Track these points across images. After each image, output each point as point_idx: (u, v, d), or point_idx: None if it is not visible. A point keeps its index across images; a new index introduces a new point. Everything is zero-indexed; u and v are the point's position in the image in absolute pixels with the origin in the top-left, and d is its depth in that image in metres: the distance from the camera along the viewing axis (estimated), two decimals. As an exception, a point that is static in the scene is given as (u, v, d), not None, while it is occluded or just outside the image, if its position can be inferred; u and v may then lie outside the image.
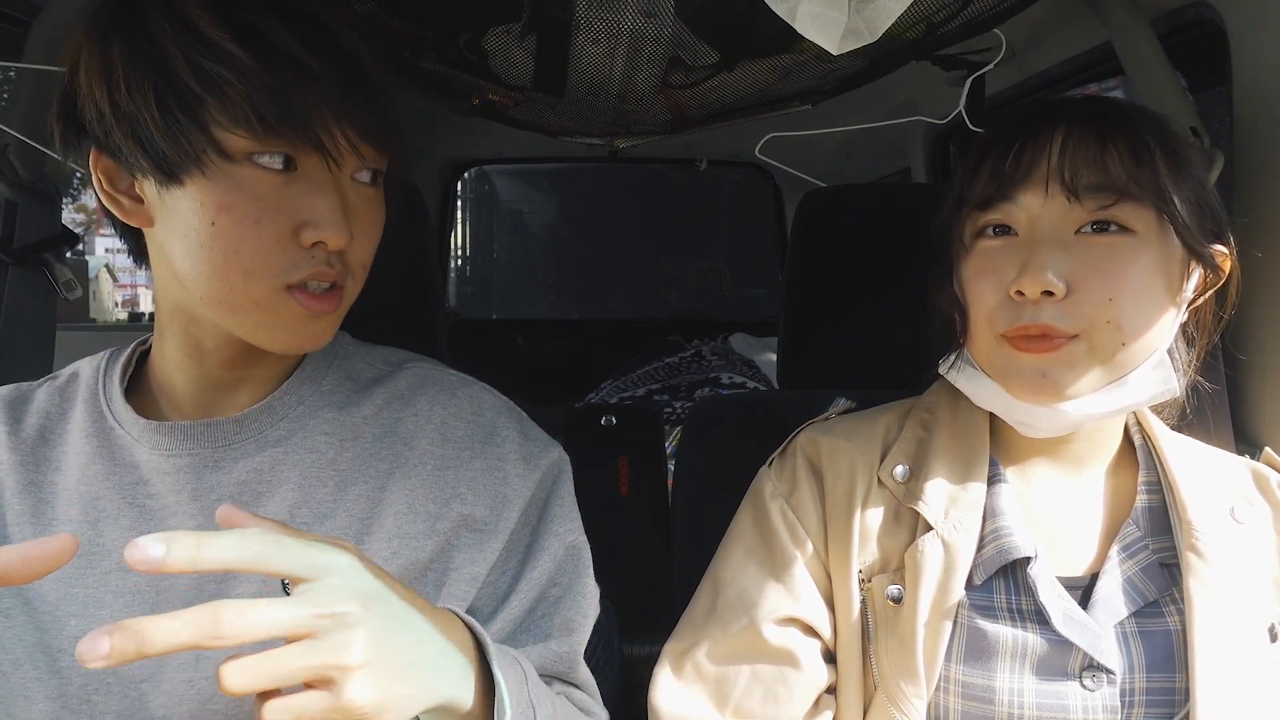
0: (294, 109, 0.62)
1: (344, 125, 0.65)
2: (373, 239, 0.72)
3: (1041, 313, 0.70)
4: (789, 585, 0.77)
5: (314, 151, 0.64)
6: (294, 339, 0.68)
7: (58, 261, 1.12)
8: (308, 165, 0.65)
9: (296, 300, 0.66)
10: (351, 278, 0.70)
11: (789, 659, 0.75)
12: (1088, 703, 0.70)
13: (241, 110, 0.61)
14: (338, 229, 0.65)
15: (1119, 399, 0.73)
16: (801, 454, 0.83)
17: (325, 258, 0.67)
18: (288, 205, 0.65)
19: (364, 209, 0.70)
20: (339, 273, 0.68)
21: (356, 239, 0.69)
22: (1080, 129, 0.72)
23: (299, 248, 0.66)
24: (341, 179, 0.68)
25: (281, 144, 0.64)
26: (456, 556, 0.71)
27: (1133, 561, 0.75)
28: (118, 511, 0.70)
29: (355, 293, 0.72)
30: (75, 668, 0.66)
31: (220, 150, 0.63)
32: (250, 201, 0.64)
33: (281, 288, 0.66)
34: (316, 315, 0.68)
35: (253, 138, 0.63)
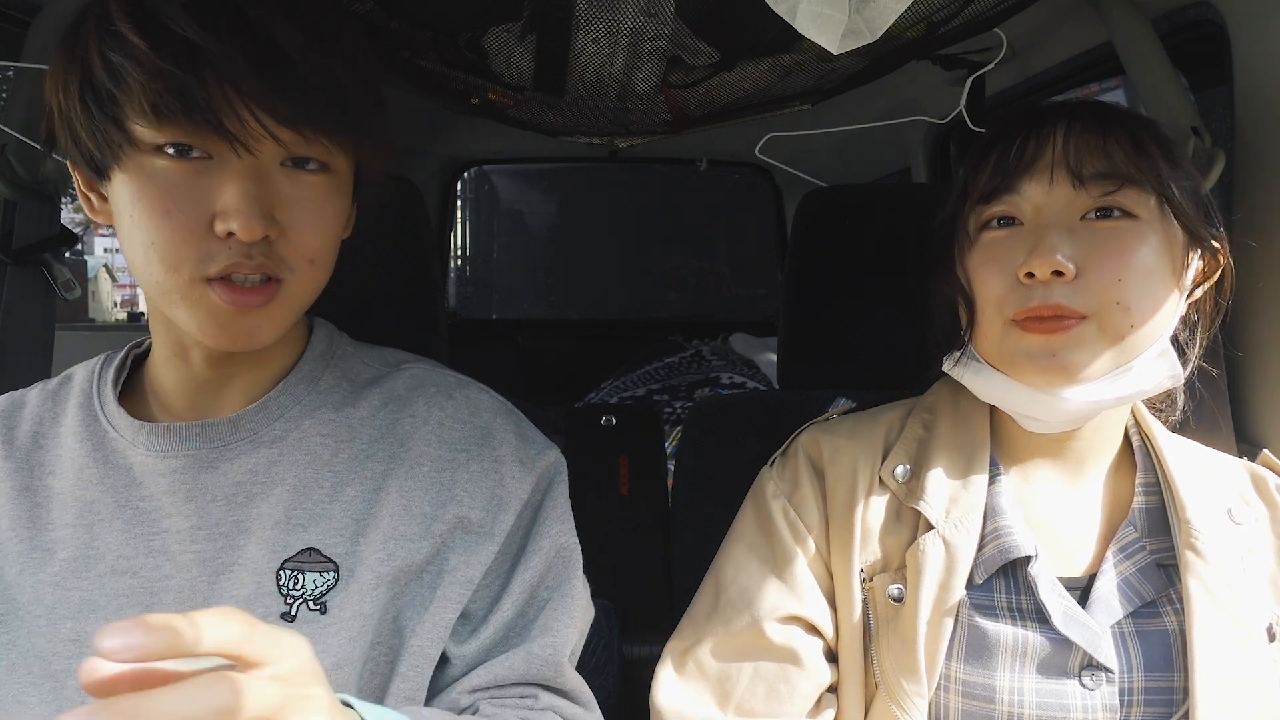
0: (188, 94, 0.61)
1: (253, 108, 0.62)
2: (317, 231, 0.68)
3: (1053, 293, 0.71)
4: (791, 584, 0.77)
5: (218, 138, 0.62)
6: (224, 334, 0.66)
7: (57, 261, 1.12)
8: (220, 153, 0.63)
9: (216, 293, 0.64)
10: (291, 271, 0.66)
11: (791, 657, 0.75)
12: (1087, 702, 0.70)
13: (138, 99, 0.61)
14: (245, 219, 0.62)
15: (1125, 385, 0.73)
16: (803, 453, 0.83)
17: (243, 249, 0.63)
18: (199, 194, 0.63)
19: (303, 198, 0.66)
20: (261, 265, 0.64)
21: (291, 230, 0.66)
22: (1081, 123, 0.74)
23: (214, 239, 0.63)
24: (262, 166, 0.64)
25: (177, 131, 0.62)
26: (452, 558, 0.71)
27: (1130, 562, 0.75)
28: (112, 514, 0.70)
29: (305, 289, 0.69)
30: (71, 671, 0.66)
31: (132, 142, 0.62)
32: (160, 192, 0.63)
33: (200, 280, 0.64)
34: (244, 309, 0.65)
35: (151, 126, 0.62)
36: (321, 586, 0.68)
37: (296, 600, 0.67)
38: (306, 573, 0.68)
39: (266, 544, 0.69)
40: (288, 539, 0.69)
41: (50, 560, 0.69)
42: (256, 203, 0.63)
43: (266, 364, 0.75)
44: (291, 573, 0.68)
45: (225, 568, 0.68)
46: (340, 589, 0.68)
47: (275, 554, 0.69)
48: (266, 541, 0.69)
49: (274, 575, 0.68)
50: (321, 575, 0.68)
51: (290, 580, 0.68)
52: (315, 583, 0.68)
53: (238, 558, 0.68)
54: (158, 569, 0.68)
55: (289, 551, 0.69)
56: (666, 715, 0.77)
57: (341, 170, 0.70)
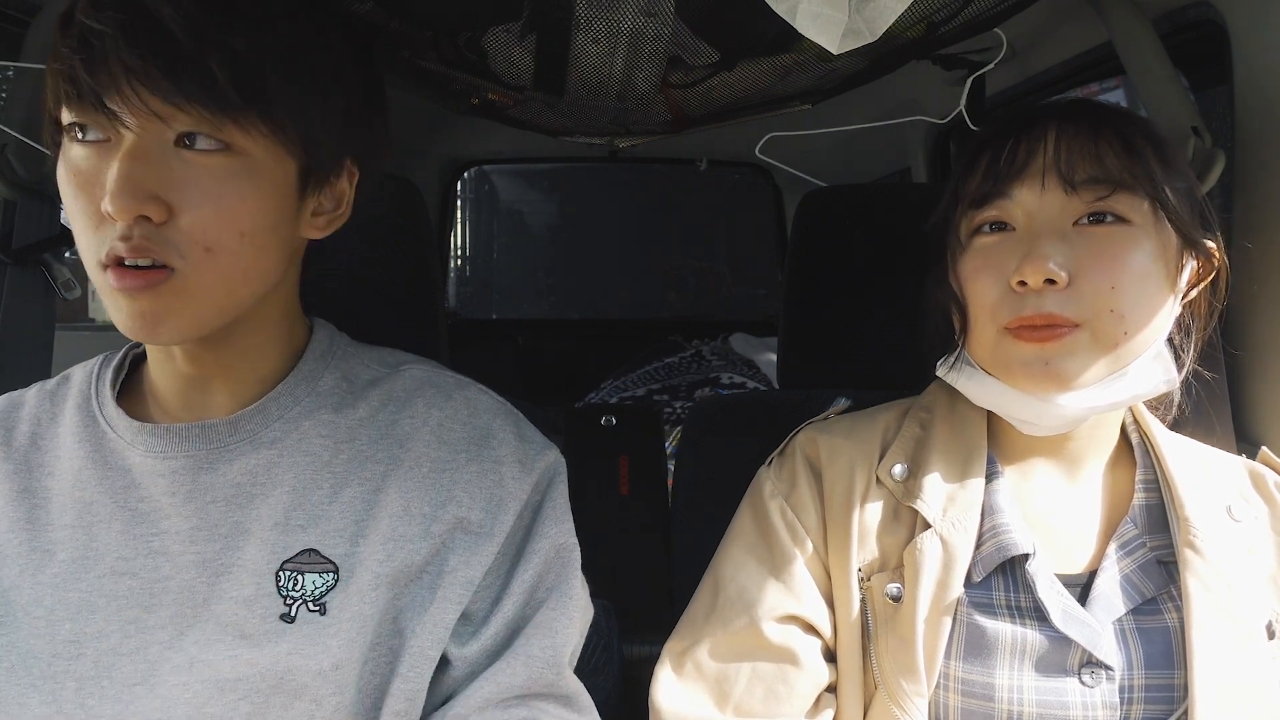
0: (74, 76, 0.62)
1: (135, 85, 0.60)
2: (215, 215, 0.64)
3: (1045, 302, 0.71)
4: (789, 584, 0.77)
5: (105, 118, 0.62)
6: (128, 322, 0.64)
7: (56, 261, 1.12)
8: (115, 135, 0.63)
9: (108, 278, 0.63)
10: (182, 258, 0.63)
11: (790, 657, 0.75)
12: (1087, 699, 0.70)
13: (50, 86, 0.64)
14: (117, 199, 0.60)
15: (1120, 390, 0.73)
16: (801, 453, 0.83)
17: (122, 230, 0.61)
18: (99, 178, 0.62)
19: (195, 180, 0.63)
20: (140, 248, 0.61)
21: (185, 213, 0.63)
22: (1073, 125, 0.73)
23: (108, 223, 0.62)
24: (151, 146, 0.62)
25: (73, 112, 0.63)
26: (451, 559, 0.71)
27: (1130, 559, 0.75)
28: (110, 515, 0.70)
29: (207, 279, 0.64)
30: (70, 672, 0.66)
31: (55, 123, 0.65)
32: (71, 175, 0.64)
33: (97, 264, 0.63)
34: (132, 293, 0.62)
35: (61, 110, 0.64)
36: (321, 587, 0.68)
37: (296, 601, 0.67)
38: (306, 574, 0.68)
39: (266, 545, 0.69)
40: (287, 540, 0.69)
41: (49, 561, 0.69)
42: (132, 182, 0.61)
43: (253, 363, 0.74)
44: (291, 574, 0.68)
45: (225, 569, 0.68)
46: (340, 590, 0.68)
47: (275, 555, 0.69)
48: (266, 542, 0.69)
49: (273, 576, 0.68)
50: (321, 576, 0.68)
51: (290, 581, 0.68)
52: (315, 584, 0.68)
53: (237, 559, 0.68)
54: (157, 570, 0.68)
55: (288, 552, 0.69)
56: (665, 716, 0.77)
57: (254, 154, 0.65)
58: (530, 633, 0.72)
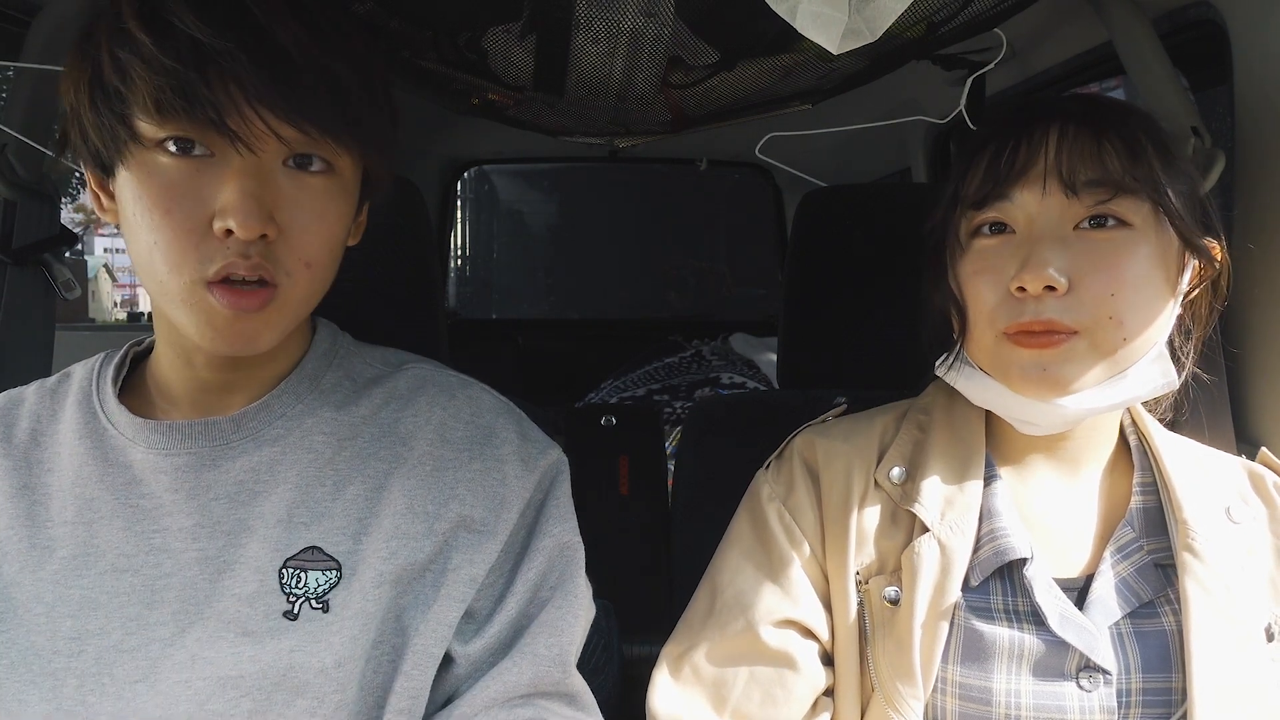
0: (190, 91, 0.61)
1: (257, 107, 0.62)
2: (319, 234, 0.67)
3: (1044, 308, 0.70)
4: (786, 588, 0.77)
5: (218, 135, 0.62)
6: (221, 339, 0.65)
7: (57, 261, 1.12)
8: (223, 151, 0.63)
9: (214, 295, 0.63)
10: (287, 275, 0.66)
11: (787, 661, 0.75)
12: (1084, 703, 0.70)
13: (142, 95, 0.61)
14: (243, 217, 0.62)
15: (1119, 393, 0.73)
16: (798, 456, 0.83)
17: (239, 248, 0.63)
18: (200, 193, 0.63)
19: (304, 200, 0.66)
20: (257, 266, 0.63)
21: (290, 232, 0.65)
22: (1075, 126, 0.73)
23: (215, 239, 0.63)
24: (265, 166, 0.64)
25: (178, 127, 0.62)
26: (455, 557, 0.71)
27: (1127, 563, 0.75)
28: (112, 512, 0.70)
29: (301, 293, 0.67)
30: (71, 669, 0.66)
31: (137, 138, 0.63)
32: (160, 189, 0.63)
33: (200, 282, 0.63)
34: (240, 313, 0.64)
35: (154, 122, 0.62)
36: (324, 585, 0.68)
37: (299, 599, 0.68)
38: (309, 571, 0.68)
39: (269, 542, 0.69)
40: (290, 537, 0.69)
41: (49, 558, 0.69)
42: (255, 201, 0.63)
43: (270, 365, 0.75)
44: (294, 571, 0.68)
45: (227, 566, 0.68)
46: (343, 587, 0.68)
47: (277, 552, 0.69)
48: (269, 540, 0.69)
49: (276, 573, 0.68)
50: (324, 574, 0.68)
51: (293, 578, 0.68)
52: (318, 581, 0.68)
53: (240, 556, 0.68)
54: (158, 567, 0.68)
55: (291, 550, 0.69)
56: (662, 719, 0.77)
57: (346, 173, 0.69)
58: (536, 631, 0.72)
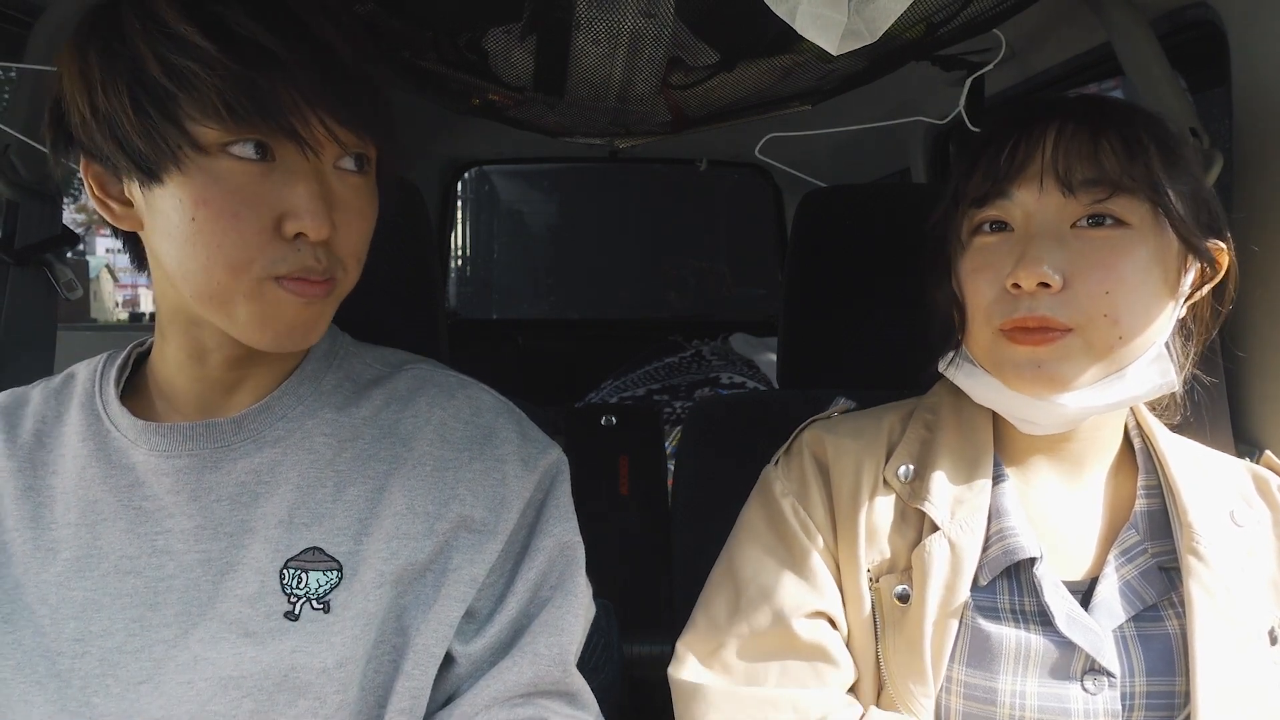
0: (263, 96, 0.62)
1: (319, 111, 0.64)
2: (362, 230, 0.70)
3: (1039, 304, 0.71)
4: (811, 580, 0.77)
5: (288, 140, 0.63)
6: (285, 330, 0.67)
7: (59, 262, 1.12)
8: (285, 155, 0.64)
9: (284, 288, 0.65)
10: (342, 269, 0.69)
11: (821, 653, 0.75)
12: (1089, 706, 0.70)
13: (210, 101, 0.61)
14: (317, 219, 0.64)
15: (1117, 392, 0.73)
16: (808, 451, 0.83)
17: (311, 251, 0.65)
18: (267, 196, 0.64)
19: (350, 198, 0.68)
20: (328, 266, 0.67)
21: (342, 229, 0.67)
22: (1073, 125, 0.73)
23: (282, 240, 0.65)
24: (322, 168, 0.66)
25: (252, 132, 0.63)
26: (455, 557, 0.71)
27: (1131, 566, 0.75)
28: (115, 514, 0.70)
29: (349, 285, 0.71)
30: (75, 670, 0.66)
31: (194, 144, 0.62)
32: (228, 194, 0.63)
33: (269, 279, 0.65)
34: (308, 302, 0.66)
35: (224, 129, 0.62)
36: (325, 585, 0.68)
37: (300, 599, 0.68)
38: (310, 572, 0.68)
39: (270, 543, 0.69)
40: (291, 538, 0.69)
41: (53, 560, 0.69)
42: (323, 203, 0.65)
43: (276, 365, 0.75)
44: (295, 572, 0.68)
45: (229, 567, 0.68)
46: (344, 588, 0.68)
47: (279, 553, 0.69)
48: (270, 541, 0.69)
49: (278, 574, 0.68)
50: (325, 574, 0.69)
51: (294, 579, 0.68)
52: (319, 582, 0.68)
53: (242, 557, 0.69)
54: (161, 568, 0.68)
55: (292, 551, 0.69)
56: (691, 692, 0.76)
57: (373, 172, 0.72)
58: (536, 630, 0.72)
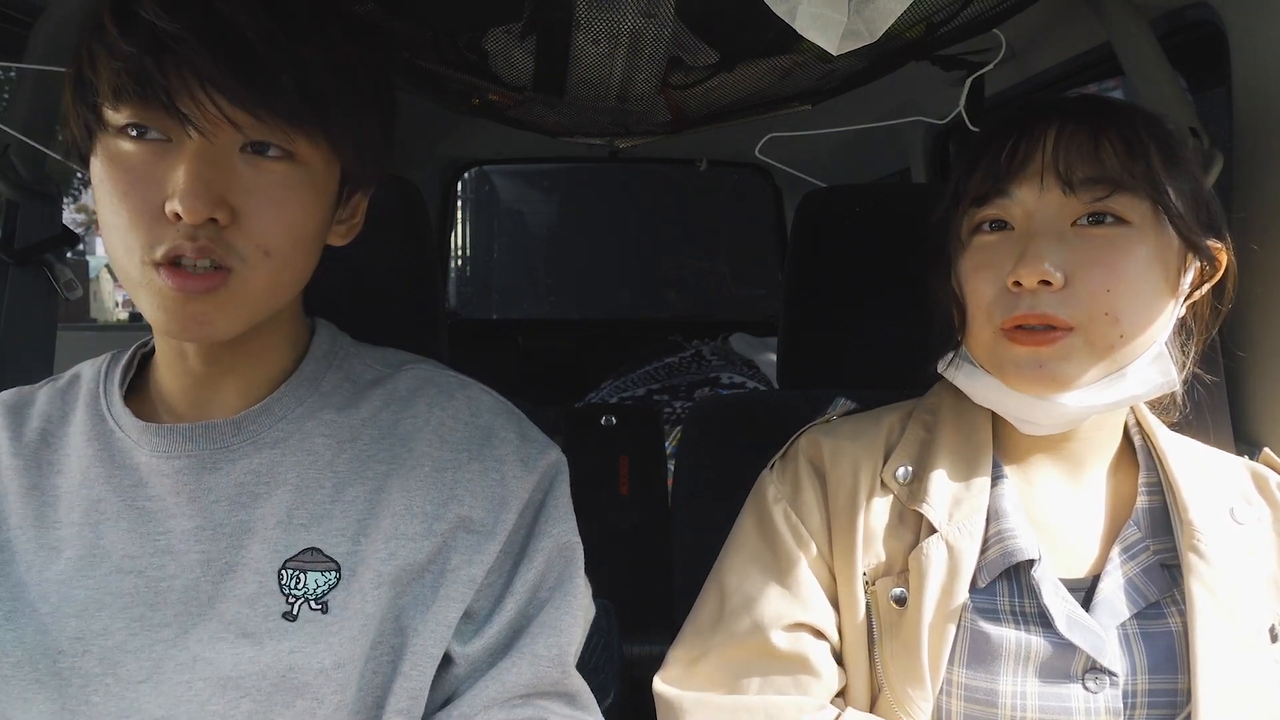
0: (146, 76, 0.62)
1: (210, 91, 0.62)
2: (278, 220, 0.66)
3: (1040, 302, 0.71)
4: (795, 590, 0.77)
5: (172, 120, 0.63)
6: (173, 321, 0.65)
7: (58, 261, 1.12)
8: (178, 136, 0.64)
9: (161, 276, 0.63)
10: (242, 260, 0.65)
11: (801, 663, 0.75)
12: (1090, 705, 0.70)
13: (105, 82, 0.63)
14: (189, 200, 0.61)
15: (1118, 392, 0.73)
16: (804, 456, 0.83)
17: (188, 231, 0.63)
18: (156, 178, 0.63)
19: (261, 186, 0.65)
20: (204, 249, 0.63)
21: (248, 218, 0.65)
22: (1074, 124, 0.73)
23: (165, 222, 0.63)
24: (220, 151, 0.64)
25: (134, 112, 0.63)
26: (454, 558, 0.71)
27: (1134, 563, 0.75)
28: (117, 514, 0.70)
29: (260, 281, 0.67)
30: (75, 669, 0.66)
31: (104, 125, 0.64)
32: (120, 173, 0.64)
33: (149, 264, 0.63)
34: (190, 296, 0.64)
35: (113, 108, 0.64)
36: (323, 586, 0.68)
37: (298, 600, 0.68)
38: (308, 572, 0.68)
39: (269, 544, 0.69)
40: (290, 539, 0.69)
41: (56, 559, 0.69)
42: (204, 185, 0.63)
43: (263, 363, 0.75)
44: (293, 572, 0.68)
45: (229, 568, 0.68)
46: (342, 588, 0.68)
47: (277, 554, 0.69)
48: (269, 541, 0.69)
49: (276, 575, 0.68)
50: (323, 575, 0.69)
51: (292, 580, 0.68)
52: (317, 582, 0.68)
53: (241, 557, 0.69)
54: (163, 569, 0.68)
55: (291, 551, 0.69)
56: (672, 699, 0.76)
57: (314, 164, 0.68)
58: (535, 631, 0.72)
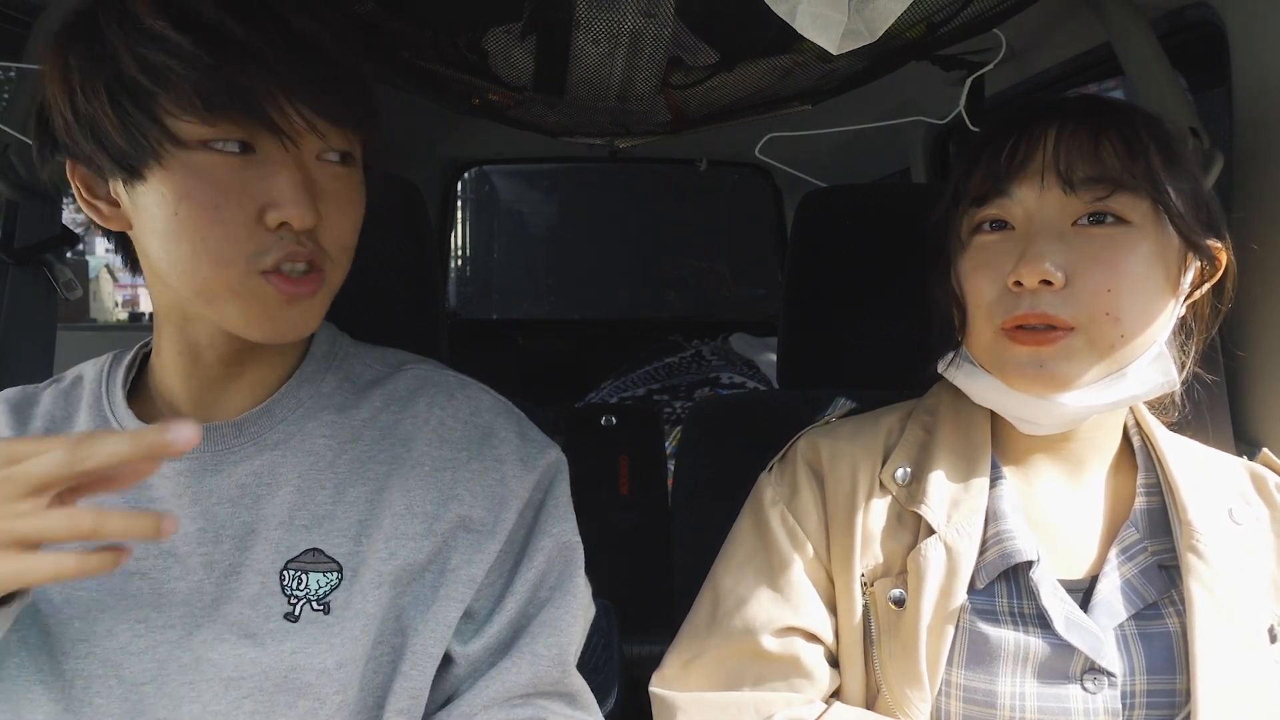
0: (240, 90, 0.62)
1: (296, 103, 0.64)
2: (350, 221, 0.70)
3: (1041, 302, 0.71)
4: (788, 594, 0.77)
5: (267, 132, 0.64)
6: (274, 326, 0.67)
7: (58, 261, 1.12)
8: (265, 146, 0.65)
9: (272, 284, 0.66)
10: (330, 261, 0.69)
11: (794, 666, 0.75)
12: (1089, 705, 0.70)
13: (189, 97, 0.61)
14: (300, 208, 0.64)
15: (1118, 392, 0.73)
16: (802, 458, 0.83)
17: (293, 238, 0.65)
18: (249, 188, 0.64)
19: (336, 189, 0.68)
20: (312, 253, 0.67)
21: (329, 220, 0.68)
22: (1074, 123, 0.73)
23: (266, 231, 0.65)
24: (303, 159, 0.66)
25: (232, 127, 0.63)
26: (454, 557, 0.71)
27: (1132, 564, 0.75)
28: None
29: (339, 278, 0.71)
30: (79, 670, 0.66)
31: (175, 139, 0.63)
32: (209, 187, 0.63)
33: (255, 273, 0.65)
34: (294, 299, 0.67)
35: (203, 123, 0.63)
36: (325, 587, 0.68)
37: (300, 600, 0.68)
38: (310, 573, 0.68)
39: (271, 545, 0.69)
40: (291, 540, 0.69)
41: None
42: (306, 192, 0.65)
43: (273, 364, 0.75)
44: (295, 573, 0.68)
45: (232, 569, 0.68)
46: (343, 589, 0.68)
47: (279, 555, 0.69)
48: (271, 542, 0.69)
49: (278, 576, 0.68)
50: (325, 575, 0.69)
51: (294, 581, 0.68)
52: (319, 583, 0.68)
53: (244, 559, 0.69)
54: (166, 570, 0.68)
55: (293, 552, 0.69)
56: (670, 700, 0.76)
57: (358, 162, 0.72)
58: (535, 631, 0.72)
